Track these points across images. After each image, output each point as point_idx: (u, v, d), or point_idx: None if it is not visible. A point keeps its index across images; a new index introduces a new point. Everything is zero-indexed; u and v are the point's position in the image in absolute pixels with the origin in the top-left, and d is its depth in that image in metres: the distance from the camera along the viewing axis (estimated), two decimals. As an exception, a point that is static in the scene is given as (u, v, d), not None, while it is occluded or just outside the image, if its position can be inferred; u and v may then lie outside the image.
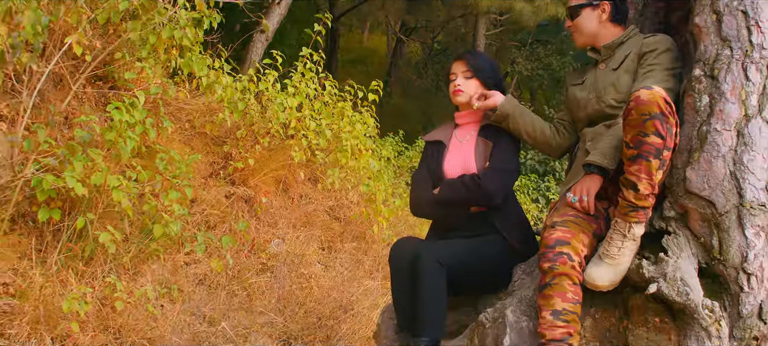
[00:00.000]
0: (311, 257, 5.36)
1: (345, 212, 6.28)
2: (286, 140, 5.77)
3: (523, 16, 12.31)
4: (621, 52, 3.22)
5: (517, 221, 3.48)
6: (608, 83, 3.18)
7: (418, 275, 3.11)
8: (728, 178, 2.72)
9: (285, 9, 9.79)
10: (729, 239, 2.69)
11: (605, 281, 2.77)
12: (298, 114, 5.73)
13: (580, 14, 3.31)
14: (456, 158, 3.52)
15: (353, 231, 6.10)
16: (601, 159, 2.94)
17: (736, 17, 2.83)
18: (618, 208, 2.79)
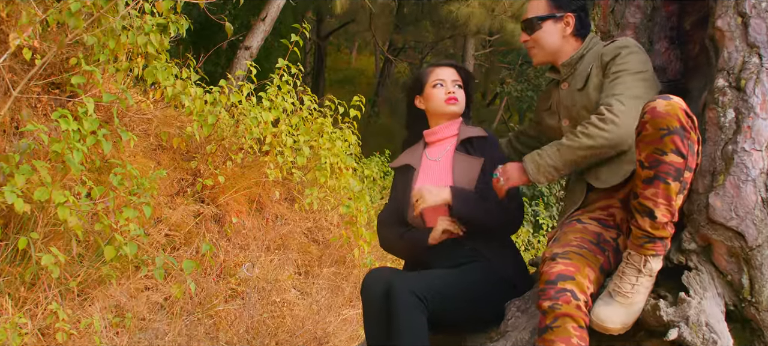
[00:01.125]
0: (285, 282, 4.95)
1: (324, 234, 5.87)
2: (261, 157, 5.37)
3: (514, 37, 11.96)
4: (582, 67, 2.87)
5: (500, 245, 3.07)
6: (579, 106, 2.83)
7: (393, 310, 2.70)
8: (760, 206, 2.33)
9: (270, 26, 9.54)
10: (762, 277, 2.31)
11: (616, 323, 2.37)
12: (274, 129, 5.33)
13: (541, 28, 2.94)
14: (429, 179, 3.13)
15: (332, 255, 5.70)
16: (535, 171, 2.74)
17: (765, 20, 2.47)
18: (631, 238, 2.40)
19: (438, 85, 3.16)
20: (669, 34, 3.07)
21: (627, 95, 2.60)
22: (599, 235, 2.57)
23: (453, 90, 3.14)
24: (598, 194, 2.73)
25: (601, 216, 2.65)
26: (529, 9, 3.00)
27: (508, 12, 11.86)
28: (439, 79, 3.17)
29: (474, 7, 11.93)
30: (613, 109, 2.56)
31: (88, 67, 3.86)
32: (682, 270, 2.47)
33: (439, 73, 3.19)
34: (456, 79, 3.18)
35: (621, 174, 2.65)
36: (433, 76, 3.19)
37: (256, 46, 9.56)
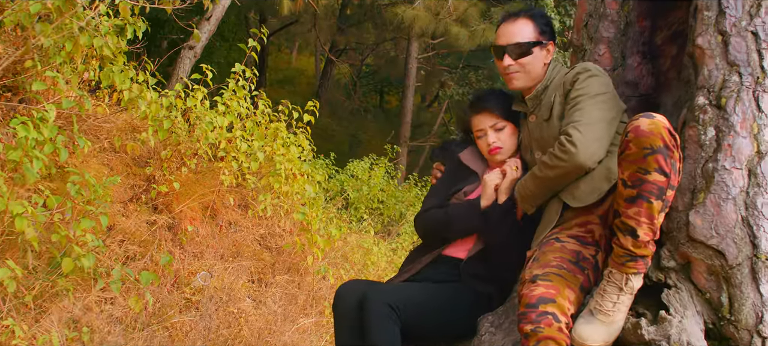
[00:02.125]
0: (240, 291, 4.82)
1: (277, 241, 5.75)
2: (215, 163, 5.22)
3: (458, 41, 12.01)
4: (546, 97, 2.88)
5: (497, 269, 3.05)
6: (549, 136, 2.82)
7: (366, 320, 2.67)
8: (740, 224, 2.34)
9: (214, 25, 9.41)
10: (741, 296, 2.31)
11: (598, 341, 2.35)
12: (229, 135, 5.19)
13: (532, 53, 2.90)
14: None
15: (285, 262, 5.58)
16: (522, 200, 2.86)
17: (745, 39, 2.47)
18: (612, 256, 2.39)
19: (480, 136, 3.13)
20: (641, 49, 3.07)
21: (584, 121, 2.61)
22: (578, 253, 2.55)
23: (494, 140, 3.08)
24: (575, 211, 2.71)
25: (580, 233, 2.63)
26: (512, 33, 2.93)
27: (453, 15, 11.89)
28: (478, 129, 3.13)
29: (419, 10, 11.93)
30: (571, 138, 2.58)
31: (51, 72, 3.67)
32: (660, 288, 2.46)
33: (477, 122, 3.14)
34: (495, 123, 3.10)
35: (597, 193, 2.64)
36: (474, 127, 3.16)
37: (201, 47, 9.41)
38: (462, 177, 3.17)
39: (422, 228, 3.19)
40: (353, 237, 7.58)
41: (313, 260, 5.38)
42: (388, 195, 10.90)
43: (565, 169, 2.61)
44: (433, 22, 11.91)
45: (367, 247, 7.53)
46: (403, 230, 10.22)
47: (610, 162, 2.66)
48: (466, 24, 12.01)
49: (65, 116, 4.40)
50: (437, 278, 2.97)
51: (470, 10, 11.97)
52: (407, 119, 14.50)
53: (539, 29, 2.92)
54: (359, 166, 11.15)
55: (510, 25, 2.95)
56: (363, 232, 8.59)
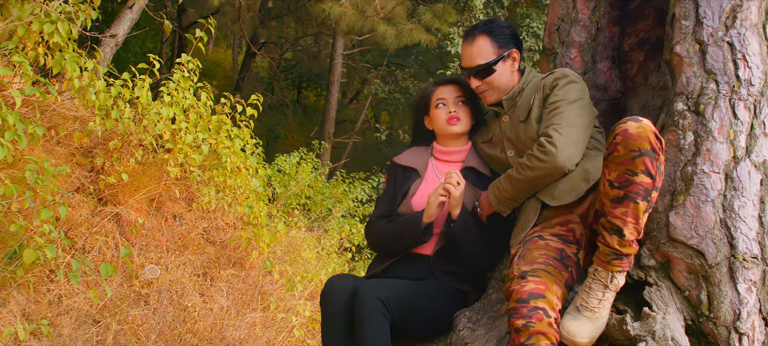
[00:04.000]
0: (189, 285, 4.72)
1: (220, 235, 5.65)
2: (161, 154, 5.09)
3: (386, 39, 12.05)
4: (523, 99, 2.96)
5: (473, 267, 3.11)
6: (526, 137, 2.90)
7: (358, 315, 2.68)
8: (719, 226, 2.45)
9: (137, 14, 9.17)
10: (720, 294, 2.42)
11: (585, 337, 2.42)
12: (173, 126, 5.07)
13: (495, 71, 2.97)
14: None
15: (230, 256, 5.49)
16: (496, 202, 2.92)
17: (721, 49, 2.59)
18: (598, 255, 2.46)
19: (440, 105, 3.15)
20: (611, 54, 3.18)
21: (564, 124, 2.70)
22: (561, 251, 2.61)
23: (454, 109, 3.12)
24: (555, 210, 2.79)
25: (562, 232, 2.70)
26: (474, 55, 2.98)
27: (381, 13, 11.92)
28: (440, 98, 3.16)
29: (346, 7, 11.92)
30: (552, 140, 2.67)
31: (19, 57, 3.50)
32: (637, 286, 2.55)
33: (441, 92, 3.17)
34: (459, 96, 3.15)
35: (575, 193, 2.73)
36: (435, 96, 3.18)
37: (122, 34, 9.14)
38: (404, 179, 3.20)
39: (372, 242, 3.23)
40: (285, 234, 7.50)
41: (258, 255, 5.32)
42: (315, 191, 10.85)
43: (545, 170, 2.69)
44: (360, 20, 11.91)
45: (298, 243, 7.48)
46: (331, 227, 10.19)
47: (587, 164, 2.74)
48: (393, 23, 12.07)
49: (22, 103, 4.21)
50: (415, 276, 2.99)
51: (397, 8, 12.03)
52: (331, 115, 14.47)
53: (498, 43, 2.97)
54: (287, 162, 11.05)
55: (469, 47, 3.01)
56: (293, 227, 8.53)
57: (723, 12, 2.61)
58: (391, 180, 3.26)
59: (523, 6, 13.39)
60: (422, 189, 3.12)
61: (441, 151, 3.21)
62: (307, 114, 24.98)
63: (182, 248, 5.09)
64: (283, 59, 23.07)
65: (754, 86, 2.55)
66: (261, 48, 19.51)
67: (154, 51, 18.69)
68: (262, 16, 17.41)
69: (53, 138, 4.75)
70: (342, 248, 9.67)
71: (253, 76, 20.96)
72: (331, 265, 7.80)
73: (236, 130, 5.65)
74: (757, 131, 2.54)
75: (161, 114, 4.91)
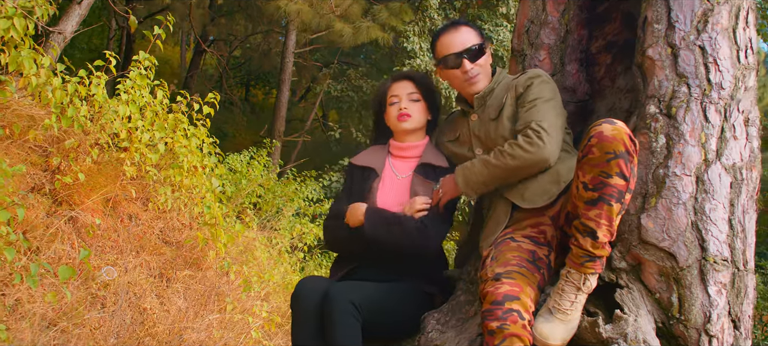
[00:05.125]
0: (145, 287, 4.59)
1: (176, 235, 5.52)
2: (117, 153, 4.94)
3: (342, 37, 11.98)
4: (493, 99, 2.95)
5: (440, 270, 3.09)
6: (497, 135, 2.89)
7: (329, 317, 2.64)
8: (690, 228, 2.46)
9: (86, 10, 8.94)
10: (691, 296, 2.44)
11: (557, 339, 2.41)
12: (130, 125, 4.92)
13: (485, 53, 2.98)
14: (391, 194, 3.11)
15: (186, 257, 5.37)
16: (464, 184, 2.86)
17: (693, 52, 2.61)
18: (570, 257, 2.45)
19: (393, 102, 3.13)
20: (579, 57, 3.18)
21: (547, 121, 2.70)
22: (533, 252, 2.60)
23: (405, 106, 3.09)
24: (525, 212, 2.78)
25: (533, 234, 2.69)
26: (463, 40, 2.96)
27: (337, 11, 11.86)
28: (393, 95, 3.15)
29: (301, 4, 11.82)
30: (540, 134, 2.67)
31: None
32: (608, 287, 2.55)
33: (394, 88, 3.16)
34: (412, 93, 3.12)
35: (546, 196, 2.72)
36: (389, 93, 3.17)
37: (71, 31, 8.90)
38: (363, 179, 3.16)
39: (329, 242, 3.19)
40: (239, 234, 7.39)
41: (215, 256, 5.22)
42: (266, 190, 10.73)
43: (528, 161, 2.67)
44: (315, 17, 11.83)
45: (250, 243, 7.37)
46: (282, 226, 10.09)
47: (558, 165, 2.74)
48: (349, 20, 12.01)
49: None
50: (383, 278, 2.95)
51: (353, 6, 11.97)
52: (282, 114, 14.32)
53: (480, 34, 2.98)
54: (237, 160, 10.90)
55: (455, 33, 2.99)
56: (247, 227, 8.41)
57: (695, 16, 2.63)
58: (348, 181, 3.22)
59: (475, 6, 13.45)
60: (382, 190, 3.09)
61: (397, 147, 3.19)
62: (255, 112, 24.74)
63: (139, 249, 4.96)
64: (232, 57, 22.80)
65: (725, 90, 2.58)
66: (210, 45, 19.26)
67: (100, 48, 18.30)
68: (212, 13, 17.16)
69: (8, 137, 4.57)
70: (294, 248, 9.58)
71: (201, 73, 20.68)
72: (283, 265, 7.71)
73: (193, 128, 5.53)
74: (728, 134, 2.56)
75: (118, 112, 4.76)
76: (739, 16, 2.68)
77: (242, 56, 23.64)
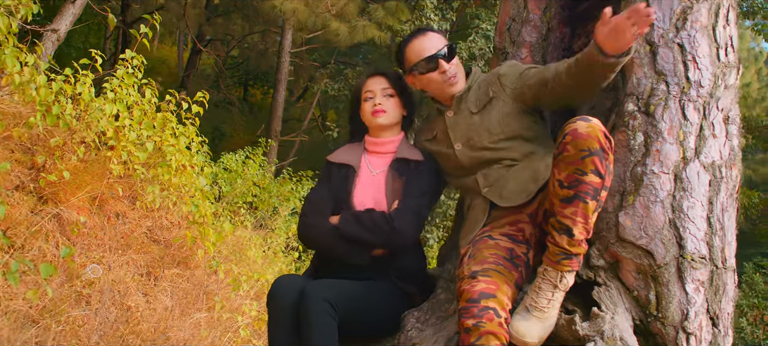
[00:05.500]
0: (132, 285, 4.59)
1: (165, 234, 5.52)
2: (104, 151, 4.94)
3: (338, 36, 11.98)
4: (471, 95, 2.95)
5: (417, 268, 3.06)
6: (481, 128, 2.88)
7: (305, 316, 2.61)
8: (668, 226, 2.46)
9: (80, 9, 8.93)
10: (669, 294, 2.43)
11: (535, 338, 2.41)
12: (117, 123, 4.92)
13: (456, 53, 2.99)
14: (367, 190, 3.08)
15: (174, 256, 5.37)
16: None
17: (672, 50, 2.60)
18: (547, 254, 2.45)
19: (368, 98, 3.12)
20: (562, 55, 3.18)
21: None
22: (511, 250, 2.60)
23: (380, 102, 3.09)
24: (504, 210, 2.77)
25: (511, 232, 2.69)
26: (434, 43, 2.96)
27: (333, 10, 11.86)
28: (368, 90, 3.13)
29: (297, 3, 11.82)
30: None
31: None
32: (585, 286, 2.55)
33: (369, 84, 3.14)
34: (386, 88, 3.11)
35: (524, 194, 2.72)
36: (364, 89, 3.15)
37: (65, 30, 8.89)
38: (341, 177, 3.15)
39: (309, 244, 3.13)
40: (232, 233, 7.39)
41: (204, 254, 5.21)
42: (262, 189, 10.73)
43: None
44: (311, 16, 11.83)
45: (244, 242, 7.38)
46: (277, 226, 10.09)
47: (537, 163, 2.74)
48: (345, 19, 12.01)
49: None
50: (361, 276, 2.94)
51: (349, 6, 11.98)
52: (278, 113, 14.32)
53: (445, 37, 3.00)
54: (232, 159, 10.91)
55: (424, 39, 2.99)
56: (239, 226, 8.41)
57: (673, 13, 2.63)
58: (325, 178, 3.19)
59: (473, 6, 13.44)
60: (359, 187, 3.08)
61: (372, 143, 3.18)
62: (253, 112, 24.72)
63: (125, 247, 4.95)
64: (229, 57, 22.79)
65: (704, 88, 2.57)
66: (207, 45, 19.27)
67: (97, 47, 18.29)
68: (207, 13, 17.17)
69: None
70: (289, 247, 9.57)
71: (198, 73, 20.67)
72: (277, 264, 7.71)
73: (181, 127, 5.52)
74: (706, 133, 2.56)
75: (104, 111, 4.75)
76: (718, 14, 2.67)
77: (240, 56, 23.64)
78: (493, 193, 2.79)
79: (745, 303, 10.11)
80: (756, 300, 9.95)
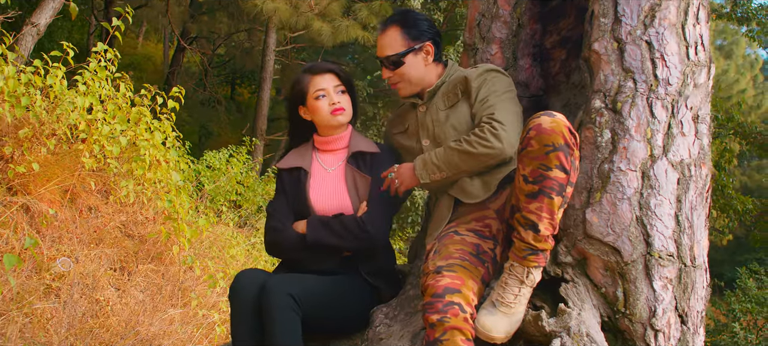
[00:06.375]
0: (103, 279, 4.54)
1: (139, 229, 5.47)
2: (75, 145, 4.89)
3: (321, 36, 11.94)
4: (443, 91, 2.93)
5: (387, 265, 3.05)
6: (447, 126, 2.86)
7: (267, 311, 2.59)
8: (635, 223, 2.46)
9: (59, 4, 8.86)
10: (636, 291, 2.43)
11: (501, 332, 2.40)
12: (89, 116, 4.87)
13: (404, 63, 2.93)
14: (324, 189, 3.04)
15: (149, 251, 5.33)
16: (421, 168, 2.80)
17: (640, 47, 2.60)
18: (513, 250, 2.44)
19: (320, 96, 3.03)
20: (532, 52, 3.17)
21: (504, 114, 2.66)
22: (478, 246, 2.59)
23: (337, 100, 3.03)
24: (469, 206, 2.76)
25: (478, 227, 2.67)
26: (384, 46, 2.95)
27: (316, 10, 11.82)
28: (319, 89, 3.03)
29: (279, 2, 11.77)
30: (496, 128, 2.62)
31: None
32: (554, 282, 2.54)
33: (319, 82, 3.05)
34: (338, 85, 3.06)
35: (487, 190, 2.70)
36: (313, 87, 3.04)
37: (44, 24, 8.85)
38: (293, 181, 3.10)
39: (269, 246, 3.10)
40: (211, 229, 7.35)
41: (179, 250, 5.17)
42: (247, 188, 10.69)
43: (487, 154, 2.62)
44: (294, 16, 11.78)
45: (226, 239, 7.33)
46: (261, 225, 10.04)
47: None
48: (329, 19, 11.97)
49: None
50: (326, 271, 2.92)
51: (332, 5, 11.94)
52: (263, 112, 14.27)
53: (410, 35, 2.93)
54: (216, 157, 10.85)
55: (382, 37, 2.98)
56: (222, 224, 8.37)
57: (641, 10, 2.62)
58: (280, 188, 3.14)
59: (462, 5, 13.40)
60: (314, 187, 3.05)
61: (323, 142, 3.12)
62: (241, 111, 24.66)
63: (98, 241, 4.91)
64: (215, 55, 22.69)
65: (672, 86, 2.57)
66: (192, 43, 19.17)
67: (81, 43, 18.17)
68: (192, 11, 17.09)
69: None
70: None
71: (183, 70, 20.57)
72: (260, 262, 7.68)
73: (157, 122, 5.48)
74: (675, 130, 2.55)
75: (76, 103, 4.71)
76: (688, 12, 2.67)
77: (226, 54, 23.55)
78: (456, 190, 2.78)
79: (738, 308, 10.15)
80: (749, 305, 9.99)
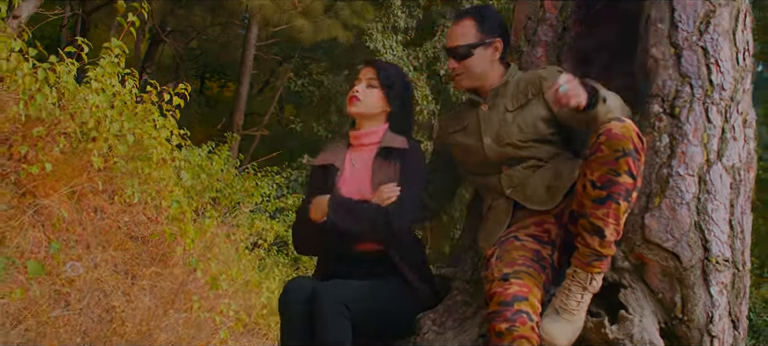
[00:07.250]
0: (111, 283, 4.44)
1: (142, 229, 5.36)
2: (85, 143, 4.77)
3: (302, 33, 11.87)
4: (508, 91, 2.88)
5: (419, 261, 3.00)
6: (513, 126, 2.79)
7: (318, 318, 2.57)
8: (693, 228, 2.46)
9: (42, -5, 8.65)
10: (694, 296, 2.44)
11: (564, 340, 2.40)
12: (99, 114, 4.75)
13: (473, 55, 2.89)
14: (349, 184, 2.99)
15: (152, 253, 5.22)
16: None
17: (696, 53, 2.61)
18: (577, 256, 2.43)
19: (354, 86, 3.04)
20: (576, 55, 3.16)
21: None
22: (538, 252, 2.56)
23: (358, 90, 3.01)
24: (527, 211, 2.72)
25: (537, 232, 2.64)
26: (456, 36, 2.92)
27: (298, 7, 11.74)
28: (357, 79, 3.06)
29: (263, 0, 11.67)
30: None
31: None
32: (609, 288, 2.54)
33: (361, 73, 3.07)
34: (371, 79, 3.03)
35: (550, 198, 2.66)
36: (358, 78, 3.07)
37: (27, 16, 8.67)
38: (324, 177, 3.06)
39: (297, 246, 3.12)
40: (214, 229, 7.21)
41: (183, 251, 5.08)
42: (226, 184, 10.56)
43: None
44: (277, 13, 11.68)
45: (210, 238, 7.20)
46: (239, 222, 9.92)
47: (561, 165, 2.69)
48: (311, 17, 11.90)
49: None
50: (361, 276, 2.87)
51: (315, 3, 11.87)
52: (241, 107, 14.14)
53: (483, 29, 2.89)
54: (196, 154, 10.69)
55: (455, 26, 2.94)
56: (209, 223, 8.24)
57: (697, 17, 2.64)
58: (308, 185, 3.12)
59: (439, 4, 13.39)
60: (343, 181, 3.01)
61: (354, 136, 3.10)
62: (210, 105, 24.34)
63: (105, 244, 4.79)
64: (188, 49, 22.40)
65: (726, 91, 2.59)
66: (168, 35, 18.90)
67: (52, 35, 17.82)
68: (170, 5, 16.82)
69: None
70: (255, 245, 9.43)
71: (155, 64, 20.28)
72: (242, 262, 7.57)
73: (162, 120, 5.38)
74: (728, 135, 2.57)
75: (88, 101, 4.59)
76: (738, 19, 2.70)
77: (199, 48, 23.23)
78: (517, 193, 2.74)
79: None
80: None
